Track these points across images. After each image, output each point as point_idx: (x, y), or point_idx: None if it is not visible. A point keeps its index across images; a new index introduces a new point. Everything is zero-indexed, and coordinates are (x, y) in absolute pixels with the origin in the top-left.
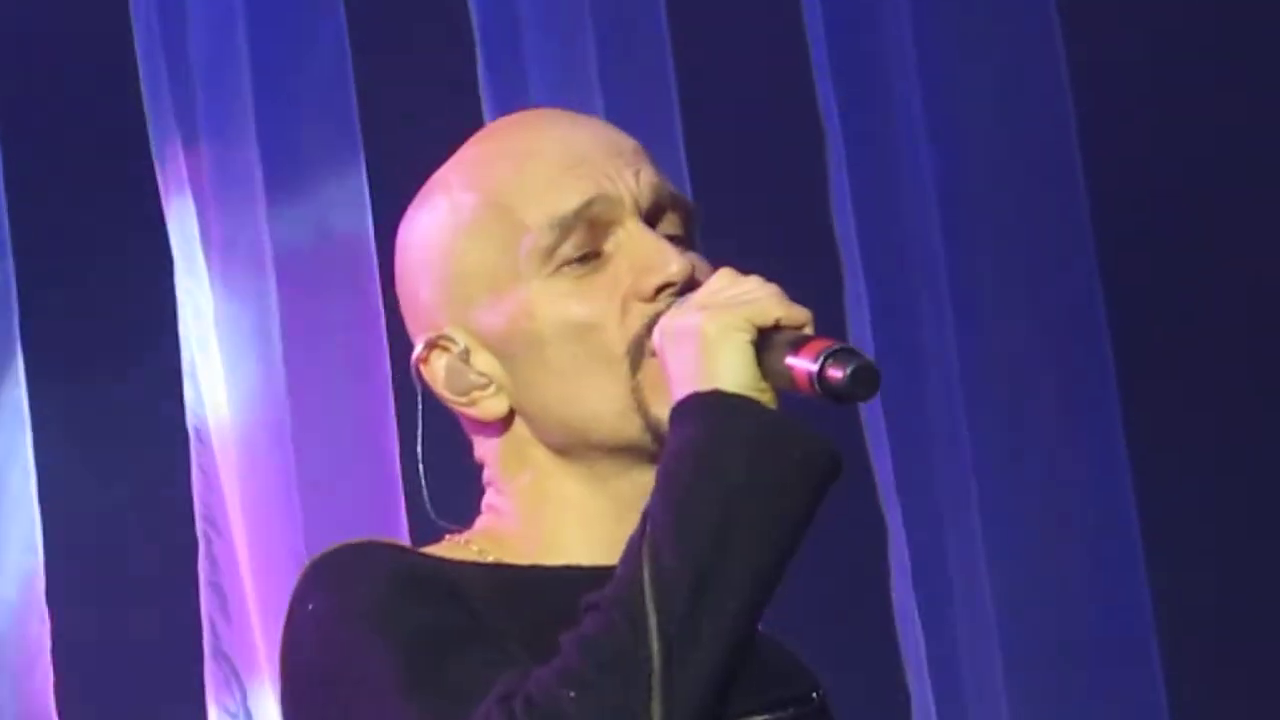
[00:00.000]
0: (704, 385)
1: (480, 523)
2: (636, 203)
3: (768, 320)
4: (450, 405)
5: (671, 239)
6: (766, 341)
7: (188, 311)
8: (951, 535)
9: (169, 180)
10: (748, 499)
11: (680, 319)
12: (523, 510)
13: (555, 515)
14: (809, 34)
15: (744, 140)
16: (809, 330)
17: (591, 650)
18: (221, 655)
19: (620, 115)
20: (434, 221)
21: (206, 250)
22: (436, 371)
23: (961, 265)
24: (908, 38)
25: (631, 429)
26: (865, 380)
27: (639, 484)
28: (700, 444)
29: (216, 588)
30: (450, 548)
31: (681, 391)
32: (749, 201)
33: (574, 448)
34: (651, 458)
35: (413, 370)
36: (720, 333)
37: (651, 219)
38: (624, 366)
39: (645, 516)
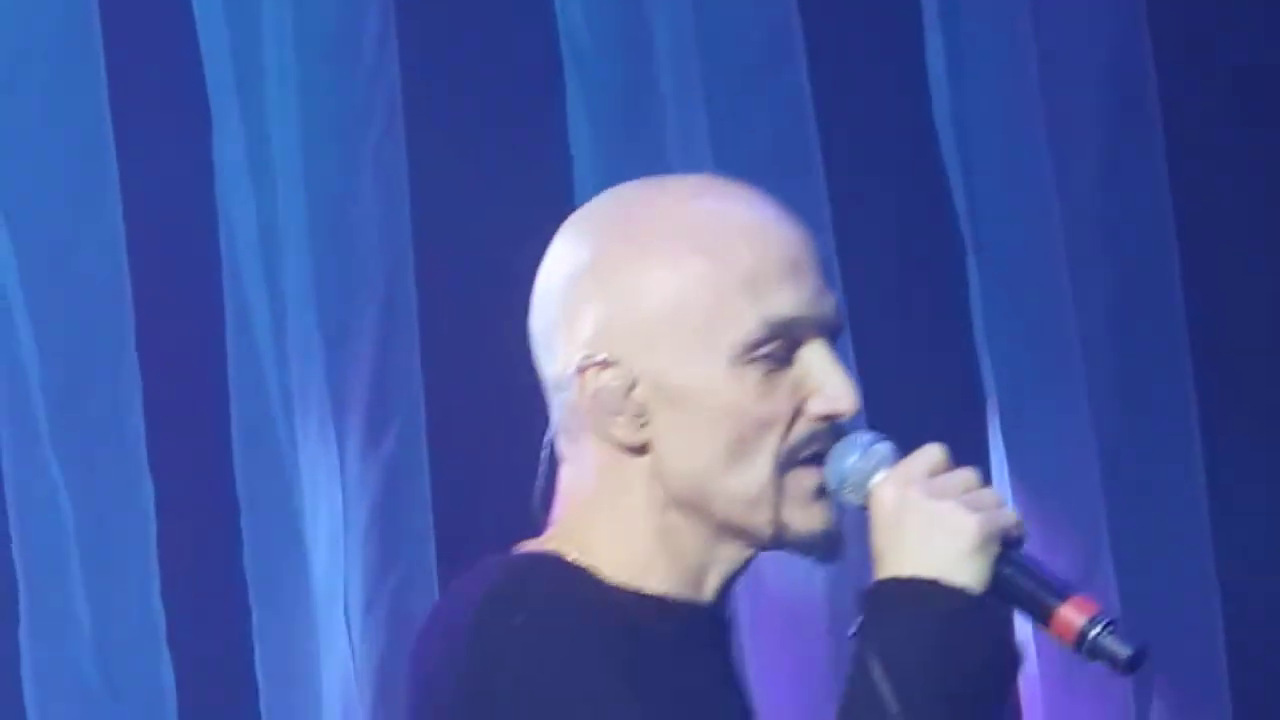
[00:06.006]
0: (948, 578)
1: (567, 532)
2: (830, 325)
3: (1011, 538)
4: (585, 416)
5: None
6: (1003, 557)
7: None
8: None
9: None
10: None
11: (943, 509)
12: (620, 528)
13: (654, 543)
14: None
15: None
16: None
17: None
18: None
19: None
20: (637, 253)
21: None
22: (588, 384)
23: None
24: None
25: (758, 519)
26: (1139, 664)
27: (741, 550)
28: (939, 641)
29: None
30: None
31: (909, 565)
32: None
33: (695, 505)
34: (759, 543)
35: (572, 372)
36: (985, 541)
37: (830, 341)
38: (773, 466)
39: (861, 687)
